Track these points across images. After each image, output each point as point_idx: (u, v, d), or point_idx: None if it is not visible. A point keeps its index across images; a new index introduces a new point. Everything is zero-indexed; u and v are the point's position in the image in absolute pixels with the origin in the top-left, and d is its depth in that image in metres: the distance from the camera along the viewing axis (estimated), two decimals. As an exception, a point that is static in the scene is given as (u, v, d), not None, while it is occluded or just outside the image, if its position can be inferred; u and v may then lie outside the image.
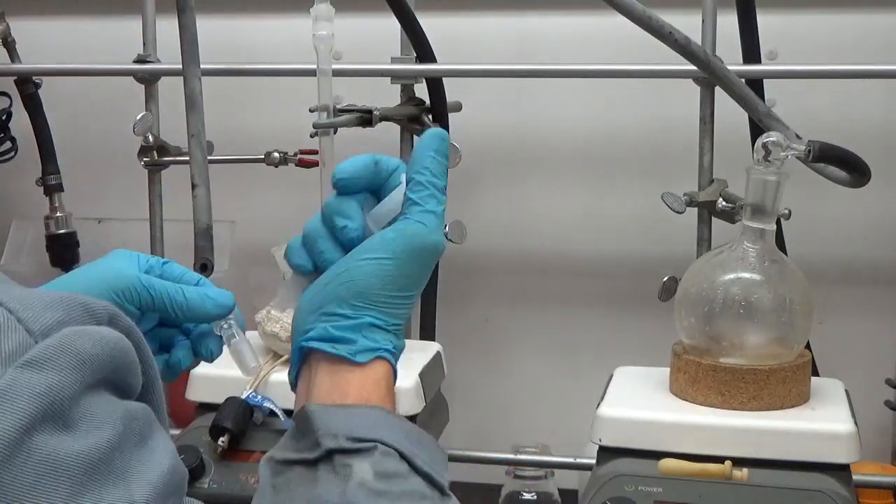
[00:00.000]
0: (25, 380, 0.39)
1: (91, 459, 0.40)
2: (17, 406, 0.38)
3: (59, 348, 0.41)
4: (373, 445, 0.63)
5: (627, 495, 1.16)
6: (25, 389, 0.39)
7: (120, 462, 0.41)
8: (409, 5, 1.54)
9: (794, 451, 1.15)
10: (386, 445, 0.63)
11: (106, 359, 0.43)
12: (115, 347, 0.44)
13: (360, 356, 0.69)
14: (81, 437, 0.40)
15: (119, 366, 0.44)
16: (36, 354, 0.40)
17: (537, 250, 1.80)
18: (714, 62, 1.34)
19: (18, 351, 0.39)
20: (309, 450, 0.64)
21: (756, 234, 1.23)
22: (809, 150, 1.23)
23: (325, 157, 1.43)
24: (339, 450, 0.62)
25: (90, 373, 0.42)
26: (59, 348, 0.41)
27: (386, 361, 0.71)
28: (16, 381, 0.39)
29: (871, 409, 1.52)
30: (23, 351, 0.40)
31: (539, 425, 1.77)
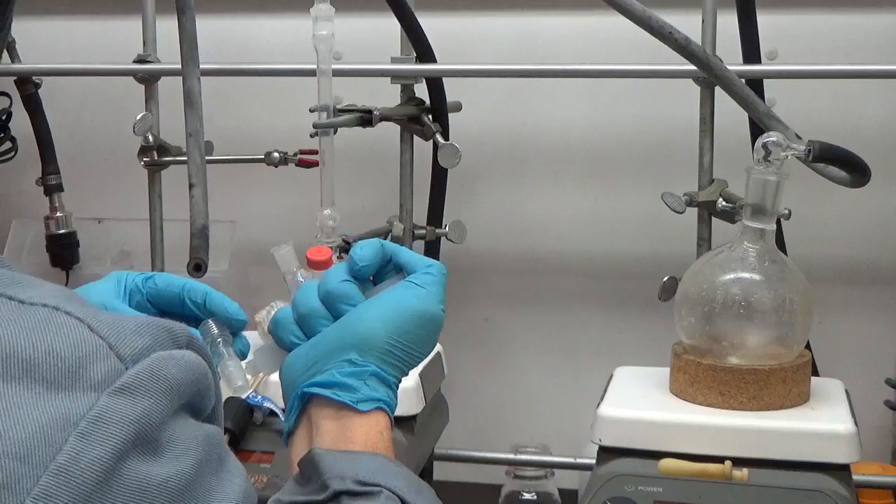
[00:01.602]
0: (118, 407, 0.40)
1: (178, 485, 0.41)
2: (111, 433, 0.39)
3: (149, 374, 0.41)
4: (378, 490, 0.64)
5: (627, 495, 1.16)
6: (118, 416, 0.39)
7: (202, 486, 0.42)
8: (409, 5, 1.54)
9: (794, 451, 1.15)
10: (390, 491, 0.65)
11: (189, 383, 0.44)
12: (197, 371, 0.45)
13: (363, 405, 0.70)
14: (168, 462, 0.41)
15: (200, 389, 0.45)
16: (127, 381, 0.41)
17: (537, 250, 1.80)
18: (714, 62, 1.34)
19: (110, 378, 0.40)
20: (316, 492, 0.64)
21: (756, 234, 1.23)
22: (809, 150, 1.23)
23: (325, 157, 1.43)
24: (346, 492, 0.64)
25: (176, 398, 0.43)
26: (149, 374, 0.41)
27: (385, 413, 0.72)
28: (109, 409, 0.39)
29: (871, 409, 1.52)
30: (114, 378, 0.40)
31: (539, 425, 1.77)
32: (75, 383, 0.39)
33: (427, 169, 1.65)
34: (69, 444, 0.38)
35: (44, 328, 0.40)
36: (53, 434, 0.38)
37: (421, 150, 1.64)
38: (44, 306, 0.42)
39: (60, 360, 0.39)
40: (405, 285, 0.78)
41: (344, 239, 1.47)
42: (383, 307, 0.76)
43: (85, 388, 0.39)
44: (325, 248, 1.37)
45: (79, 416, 0.38)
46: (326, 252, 1.36)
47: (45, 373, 0.39)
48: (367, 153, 1.73)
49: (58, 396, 0.38)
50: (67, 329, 0.41)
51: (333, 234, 1.42)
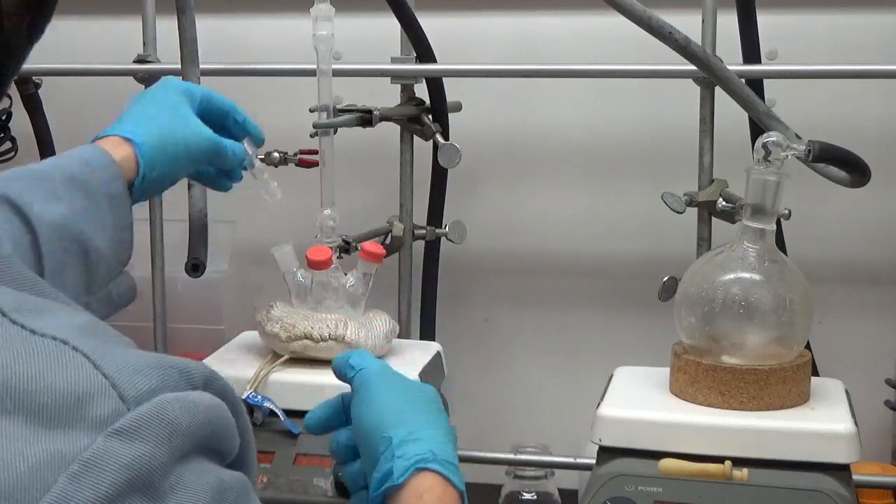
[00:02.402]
0: (113, 449, 0.38)
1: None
2: (104, 477, 0.37)
3: (152, 417, 0.40)
4: None
5: (627, 495, 1.16)
6: (113, 459, 0.38)
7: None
8: (409, 5, 1.54)
9: (794, 451, 1.15)
10: None
11: (200, 426, 0.42)
12: (210, 413, 0.43)
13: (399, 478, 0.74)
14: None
15: (215, 431, 0.43)
16: (126, 423, 0.39)
17: (537, 250, 1.80)
18: (714, 62, 1.34)
19: (110, 419, 0.39)
20: None
21: (756, 234, 1.23)
22: (809, 150, 1.23)
23: (325, 157, 1.43)
24: None
25: (182, 442, 0.41)
26: (152, 417, 0.40)
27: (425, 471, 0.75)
28: (104, 451, 0.38)
29: (871, 409, 1.52)
30: (114, 419, 0.39)
31: (539, 425, 1.77)
32: (73, 422, 0.38)
33: (427, 169, 1.65)
34: (58, 485, 0.36)
35: (47, 362, 0.39)
36: (44, 474, 0.36)
37: (421, 150, 1.64)
38: (53, 339, 0.41)
39: (60, 396, 0.38)
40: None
41: (344, 239, 1.47)
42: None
43: (82, 428, 0.38)
44: (325, 248, 1.37)
45: (72, 457, 0.37)
46: (326, 252, 1.37)
47: (42, 408, 0.38)
48: (367, 153, 1.73)
49: (53, 434, 0.37)
50: (72, 365, 0.40)
51: (333, 234, 1.42)
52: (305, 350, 1.32)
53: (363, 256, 1.36)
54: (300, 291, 1.37)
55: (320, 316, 1.33)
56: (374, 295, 1.39)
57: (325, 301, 1.36)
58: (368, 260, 1.36)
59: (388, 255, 1.56)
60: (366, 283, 1.37)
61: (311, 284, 1.36)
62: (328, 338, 1.31)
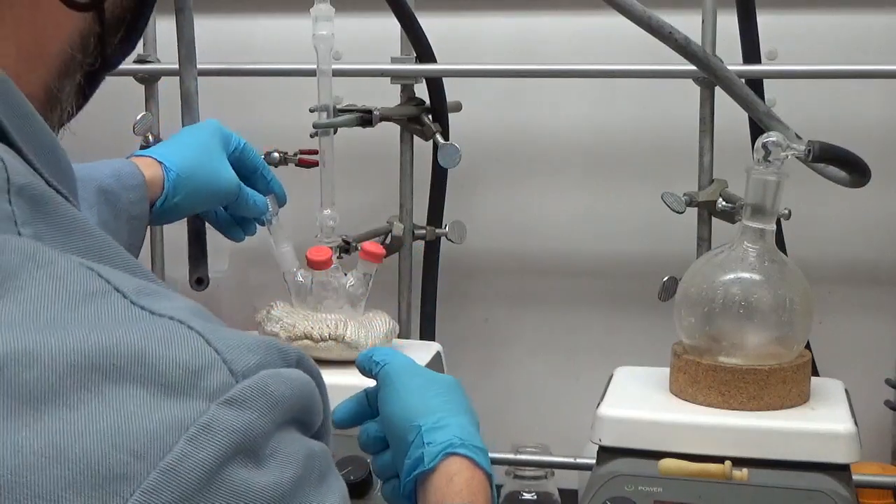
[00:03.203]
0: (224, 416, 0.43)
1: (275, 494, 0.44)
2: (217, 440, 0.42)
3: (257, 390, 0.45)
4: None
5: (627, 495, 1.16)
6: (224, 425, 0.43)
7: (299, 499, 0.45)
8: (409, 5, 1.54)
9: (794, 451, 1.15)
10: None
11: (295, 400, 0.47)
12: (304, 389, 0.48)
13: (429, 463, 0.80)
14: (269, 472, 0.44)
15: (305, 405, 0.48)
16: (236, 394, 0.44)
17: (537, 250, 1.80)
18: (714, 62, 1.34)
19: (221, 390, 0.44)
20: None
21: (756, 234, 1.23)
22: (809, 150, 1.23)
23: (325, 157, 1.43)
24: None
25: (281, 413, 0.46)
26: (257, 390, 0.45)
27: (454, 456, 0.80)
28: (217, 418, 0.43)
29: (871, 409, 1.52)
30: (225, 390, 0.44)
31: (539, 425, 1.77)
32: (189, 392, 0.43)
33: (427, 169, 1.65)
34: (178, 446, 0.41)
35: (168, 338, 0.44)
36: (166, 435, 0.42)
37: (421, 150, 1.64)
38: (170, 319, 0.45)
39: (179, 369, 0.43)
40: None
41: (344, 239, 1.47)
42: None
43: (197, 397, 0.43)
44: (325, 248, 1.37)
45: (190, 422, 0.42)
46: (326, 252, 1.37)
47: (164, 379, 0.43)
48: (367, 153, 1.73)
49: (173, 402, 0.42)
50: (188, 342, 0.44)
51: (333, 234, 1.42)
52: (305, 350, 1.32)
53: (363, 256, 1.36)
54: (300, 291, 1.37)
55: (320, 316, 1.33)
56: (374, 295, 1.39)
57: (325, 301, 1.36)
58: (368, 260, 1.36)
59: (388, 255, 1.56)
60: (366, 283, 1.37)
61: (311, 284, 1.36)
62: (328, 338, 1.31)
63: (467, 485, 0.77)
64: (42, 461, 0.40)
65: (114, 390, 0.42)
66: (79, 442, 0.41)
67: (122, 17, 0.64)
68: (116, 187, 1.06)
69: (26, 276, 0.45)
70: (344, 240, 1.47)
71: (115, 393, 0.42)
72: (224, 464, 0.42)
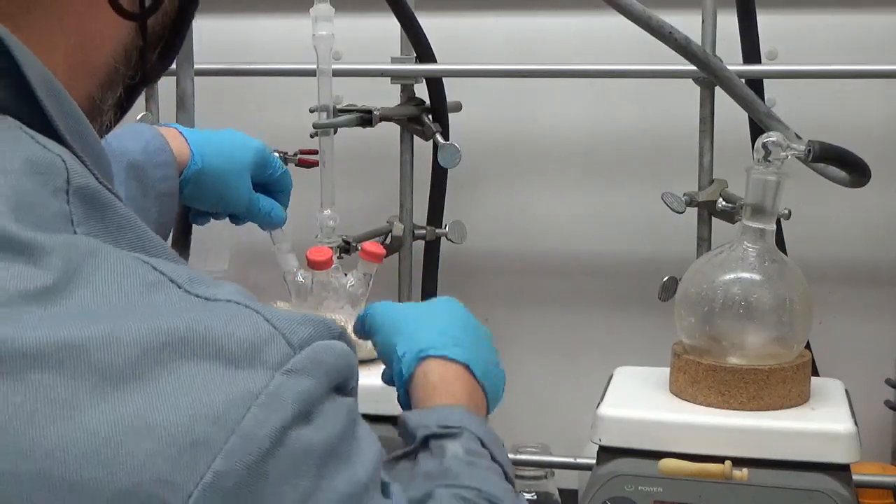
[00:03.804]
0: (288, 384, 0.48)
1: (328, 448, 0.49)
2: (283, 406, 0.47)
3: (312, 359, 0.50)
4: (460, 430, 0.76)
5: (627, 495, 1.16)
6: (289, 392, 0.48)
7: (346, 448, 0.51)
8: (409, 5, 1.54)
9: (794, 451, 1.15)
10: (470, 432, 0.76)
11: (341, 368, 0.52)
12: (347, 359, 0.53)
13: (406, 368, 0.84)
14: (321, 430, 0.50)
15: (346, 373, 0.53)
16: (295, 364, 0.49)
17: (537, 250, 1.80)
18: (714, 62, 1.34)
19: (282, 361, 0.49)
20: (409, 444, 0.76)
21: (756, 234, 1.23)
22: (809, 150, 1.23)
23: (325, 157, 1.43)
24: (432, 435, 0.75)
25: (331, 379, 0.51)
26: (312, 359, 0.50)
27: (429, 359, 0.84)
28: (282, 386, 0.48)
29: (871, 409, 1.52)
30: (285, 361, 0.49)
31: (539, 425, 1.77)
32: (255, 364, 0.48)
33: (427, 169, 1.65)
34: (251, 412, 0.46)
35: (230, 318, 0.49)
36: (239, 404, 0.46)
37: (421, 150, 1.64)
38: (227, 301, 0.50)
39: (244, 344, 0.48)
40: None
41: (344, 239, 1.47)
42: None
43: (262, 368, 0.48)
44: (325, 248, 1.37)
45: (258, 391, 0.47)
46: (326, 252, 1.37)
47: (231, 354, 0.47)
48: (367, 153, 1.73)
49: (241, 374, 0.47)
50: (248, 320, 0.49)
51: (333, 234, 1.42)
52: (305, 350, 1.32)
53: (363, 256, 1.36)
54: (300, 291, 1.37)
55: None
56: (374, 295, 1.39)
57: (325, 301, 1.36)
58: (368, 260, 1.36)
59: (388, 255, 1.56)
60: (366, 283, 1.37)
61: (311, 284, 1.36)
62: (328, 338, 1.31)
63: (441, 379, 0.82)
64: (132, 434, 0.44)
65: (187, 366, 0.46)
66: (162, 414, 0.45)
67: (162, 34, 0.67)
68: (145, 163, 1.05)
69: (90, 271, 0.48)
70: (344, 240, 1.47)
71: (189, 369, 0.46)
72: (290, 426, 0.47)
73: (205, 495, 0.44)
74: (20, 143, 0.52)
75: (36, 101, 0.54)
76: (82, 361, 0.45)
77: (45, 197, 0.51)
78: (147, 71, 0.67)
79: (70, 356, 0.45)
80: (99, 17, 0.61)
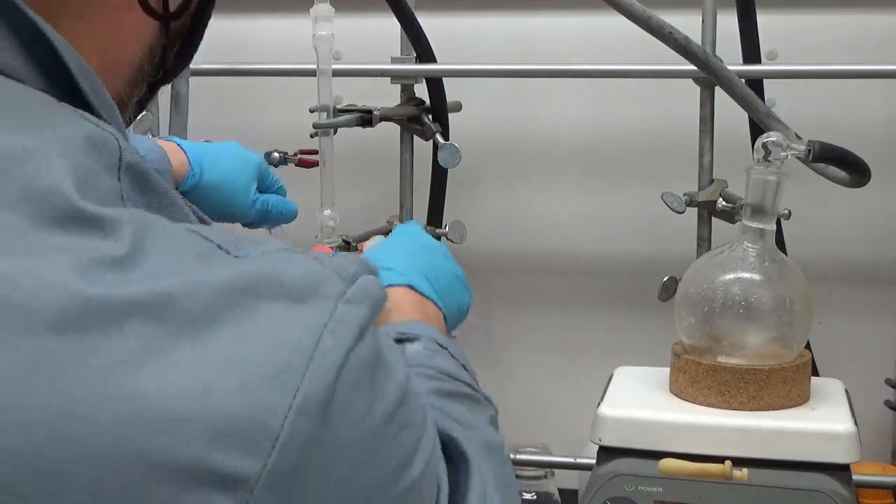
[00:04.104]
0: (350, 312, 0.54)
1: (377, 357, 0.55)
2: (350, 331, 0.53)
3: (363, 290, 0.56)
4: (417, 336, 0.82)
5: (627, 495, 1.16)
6: (351, 319, 0.54)
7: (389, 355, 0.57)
8: (409, 5, 1.54)
9: (794, 451, 1.15)
10: (429, 338, 0.81)
11: (380, 298, 0.58)
12: (383, 291, 0.59)
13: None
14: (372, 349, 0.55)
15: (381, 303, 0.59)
16: (351, 295, 0.55)
17: (537, 250, 1.80)
18: (714, 62, 1.34)
19: (340, 293, 0.54)
20: None
21: (756, 234, 1.23)
22: (809, 150, 1.23)
23: (325, 157, 1.43)
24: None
25: (375, 307, 0.57)
26: (363, 290, 0.56)
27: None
28: (345, 313, 0.53)
29: (871, 409, 1.52)
30: (343, 293, 0.54)
31: (539, 425, 1.77)
32: (318, 298, 0.53)
33: (427, 169, 1.65)
34: (324, 339, 0.52)
35: (287, 262, 0.54)
36: (312, 332, 0.52)
37: (421, 150, 1.64)
38: (277, 251, 0.55)
39: (304, 282, 0.53)
40: None
41: (344, 239, 1.47)
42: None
43: (326, 300, 0.53)
44: (325, 248, 1.37)
45: (326, 319, 0.53)
46: (326, 252, 1.37)
47: (296, 292, 0.53)
48: (367, 153, 1.73)
49: (308, 307, 0.53)
50: (303, 262, 0.55)
51: (333, 235, 1.42)
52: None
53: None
54: (300, 291, 1.37)
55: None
56: (374, 295, 1.39)
57: (325, 301, 1.36)
58: None
59: (388, 255, 1.55)
60: (366, 283, 1.37)
61: (311, 284, 1.36)
62: (328, 338, 1.31)
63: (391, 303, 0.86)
64: (225, 368, 0.49)
65: (261, 306, 0.51)
66: (249, 349, 0.50)
67: (180, 32, 0.70)
68: None
69: (152, 242, 0.52)
70: (344, 240, 1.47)
71: (263, 308, 0.51)
72: (353, 348, 0.53)
73: (299, 414, 0.49)
74: (79, 122, 0.55)
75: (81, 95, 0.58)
76: (170, 309, 0.49)
77: (100, 173, 0.54)
78: (167, 69, 0.70)
79: (159, 304, 0.49)
80: (127, 17, 0.64)
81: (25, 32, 0.56)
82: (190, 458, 0.47)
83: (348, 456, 0.53)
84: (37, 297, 0.47)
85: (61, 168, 0.51)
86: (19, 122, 0.53)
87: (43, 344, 0.46)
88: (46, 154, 0.52)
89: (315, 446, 0.50)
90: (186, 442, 0.47)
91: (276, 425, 0.49)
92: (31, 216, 0.49)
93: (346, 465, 0.53)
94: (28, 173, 0.50)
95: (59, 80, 0.57)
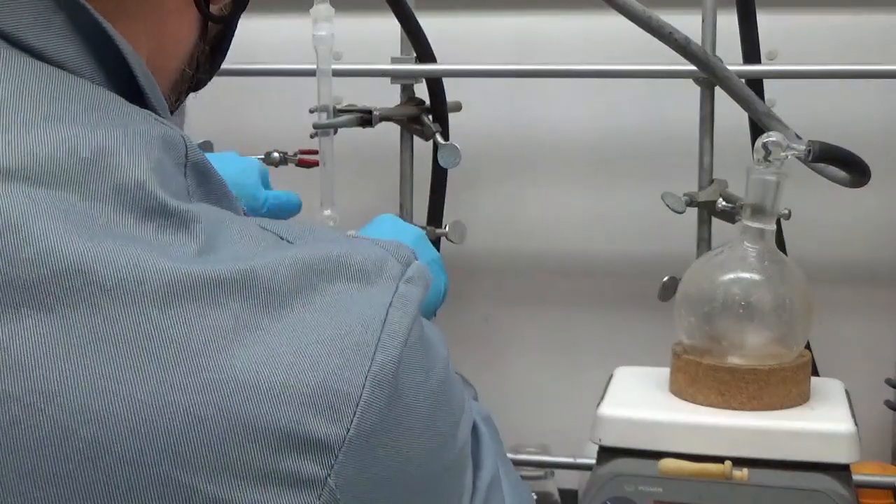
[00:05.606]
0: (409, 291, 0.58)
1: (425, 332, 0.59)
2: (411, 308, 0.57)
3: (418, 272, 0.60)
4: None
5: (627, 495, 1.16)
6: (411, 297, 0.58)
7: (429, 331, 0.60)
8: (409, 5, 1.54)
9: (794, 451, 1.15)
10: None
11: (429, 280, 0.62)
12: (429, 273, 0.63)
13: None
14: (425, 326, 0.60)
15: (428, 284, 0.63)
16: (410, 275, 0.59)
17: (537, 250, 1.80)
18: (714, 62, 1.34)
19: (400, 273, 0.58)
20: None
21: (756, 234, 1.23)
22: (809, 150, 1.23)
23: (325, 158, 1.43)
24: None
25: (426, 288, 0.61)
26: (418, 272, 0.60)
27: None
28: (405, 292, 0.57)
29: (871, 409, 1.52)
30: (401, 274, 0.58)
31: (539, 425, 1.77)
32: (381, 278, 0.57)
33: (427, 169, 1.65)
34: (390, 314, 0.56)
35: (351, 246, 0.58)
36: (380, 309, 0.56)
37: (421, 150, 1.64)
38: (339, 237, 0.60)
39: (368, 264, 0.57)
40: None
41: (344, 239, 1.47)
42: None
43: (388, 280, 0.57)
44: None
45: (390, 297, 0.57)
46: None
47: (362, 273, 0.57)
48: (367, 153, 1.73)
49: (373, 287, 0.57)
50: (365, 245, 0.59)
51: (333, 234, 1.42)
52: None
53: None
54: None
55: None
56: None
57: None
58: None
59: (388, 255, 1.56)
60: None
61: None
62: (328, 338, 1.31)
63: None
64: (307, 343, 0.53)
65: (333, 287, 0.55)
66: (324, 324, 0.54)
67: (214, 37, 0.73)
68: None
69: (225, 235, 0.56)
70: (344, 240, 1.47)
71: (335, 288, 0.55)
72: (413, 323, 0.57)
73: (374, 384, 0.53)
74: (152, 121, 0.59)
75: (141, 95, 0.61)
76: (256, 286, 0.53)
77: (172, 170, 0.57)
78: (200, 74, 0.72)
79: (248, 283, 0.53)
80: (179, 20, 0.67)
81: (90, 32, 0.58)
82: (286, 424, 0.51)
83: (415, 419, 0.56)
84: (139, 278, 0.51)
85: (146, 164, 0.55)
86: (104, 119, 0.56)
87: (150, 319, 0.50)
88: (133, 150, 0.55)
89: (388, 412, 0.54)
90: (284, 410, 0.51)
91: (355, 394, 0.52)
92: (124, 208, 0.53)
93: (415, 427, 0.56)
94: (118, 168, 0.54)
95: (121, 80, 0.60)
